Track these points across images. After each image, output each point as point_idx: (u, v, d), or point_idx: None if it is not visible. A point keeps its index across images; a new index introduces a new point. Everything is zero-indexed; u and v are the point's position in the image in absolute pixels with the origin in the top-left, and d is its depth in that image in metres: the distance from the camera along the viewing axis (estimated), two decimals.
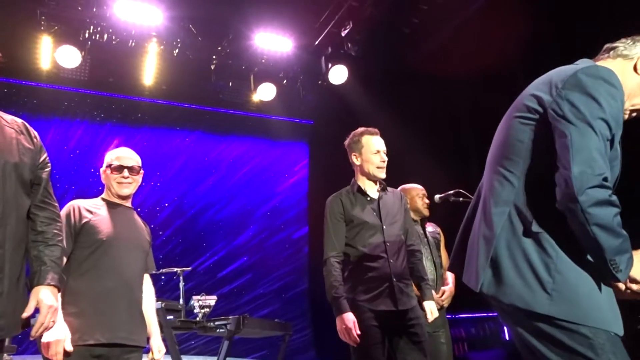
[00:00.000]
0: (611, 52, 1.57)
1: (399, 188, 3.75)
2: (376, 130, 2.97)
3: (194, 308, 4.01)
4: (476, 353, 6.14)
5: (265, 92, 6.81)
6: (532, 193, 1.50)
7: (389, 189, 2.98)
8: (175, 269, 4.23)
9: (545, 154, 1.45)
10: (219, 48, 6.58)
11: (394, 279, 2.72)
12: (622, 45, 1.58)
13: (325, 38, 6.45)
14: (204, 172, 7.79)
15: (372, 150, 2.90)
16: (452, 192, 3.07)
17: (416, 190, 3.64)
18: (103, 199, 2.67)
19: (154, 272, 2.77)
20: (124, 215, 2.64)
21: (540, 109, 1.50)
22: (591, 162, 1.35)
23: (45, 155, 2.10)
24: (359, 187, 2.91)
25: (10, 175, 1.91)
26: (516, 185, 1.53)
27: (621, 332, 1.40)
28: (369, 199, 2.88)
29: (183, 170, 7.62)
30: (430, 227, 3.66)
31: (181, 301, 4.07)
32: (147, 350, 2.62)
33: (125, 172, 2.62)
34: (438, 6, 6.03)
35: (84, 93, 7.04)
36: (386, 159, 2.91)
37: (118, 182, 2.62)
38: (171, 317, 3.94)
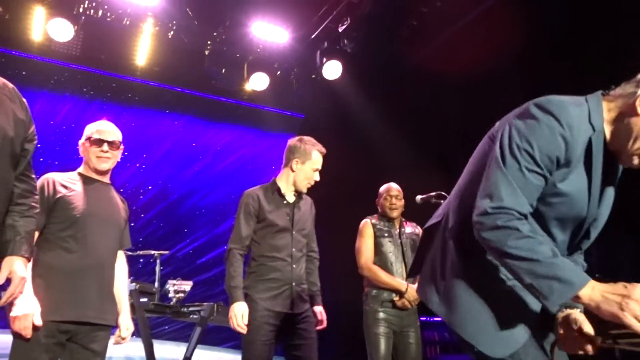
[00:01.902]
0: (628, 87, 1.47)
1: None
2: (324, 150, 3.04)
3: (169, 292, 3.99)
4: (448, 356, 6.19)
5: (258, 82, 6.78)
6: (465, 206, 1.54)
7: (303, 195, 3.05)
8: (152, 252, 4.20)
9: (481, 178, 1.49)
10: (215, 34, 6.52)
11: (294, 283, 2.84)
12: (632, 84, 1.47)
13: (322, 32, 6.43)
14: (191, 158, 7.73)
15: (314, 167, 2.96)
16: (434, 194, 3.08)
17: (385, 190, 3.65)
18: (79, 174, 2.62)
19: (128, 248, 2.75)
20: (100, 192, 2.60)
21: (495, 136, 1.51)
22: (492, 191, 1.39)
23: (34, 127, 2.06)
24: (279, 189, 2.96)
25: (3, 150, 1.88)
26: (459, 198, 1.60)
27: (510, 350, 1.42)
28: (285, 202, 2.94)
29: (169, 154, 7.56)
30: (409, 228, 3.65)
31: (156, 284, 4.04)
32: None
33: (105, 146, 2.58)
34: (437, 10, 6.04)
35: (75, 68, 6.93)
36: (317, 179, 3.00)
37: (97, 156, 2.58)
38: (145, 299, 3.91)
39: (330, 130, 7.60)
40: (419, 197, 3.21)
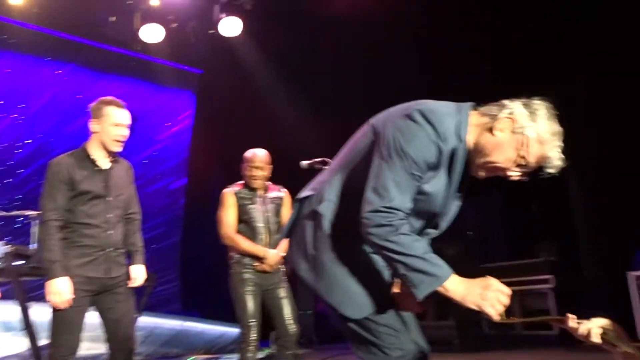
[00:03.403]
0: (493, 108, 1.64)
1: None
2: (123, 103, 2.94)
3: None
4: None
5: (151, 34, 6.41)
6: (344, 186, 1.71)
7: (119, 159, 3.00)
8: (28, 213, 3.92)
9: (366, 166, 1.62)
10: None
11: (109, 249, 2.85)
12: (496, 106, 1.65)
13: None
14: (75, 110, 7.17)
15: (112, 122, 2.85)
16: (319, 159, 3.13)
17: (248, 159, 3.66)
18: None
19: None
20: None
21: (379, 130, 1.65)
22: (381, 191, 1.54)
23: None
24: (89, 155, 2.88)
25: None
26: (337, 176, 1.74)
27: (368, 312, 1.64)
28: (96, 168, 2.88)
29: (51, 105, 6.94)
30: (273, 193, 3.70)
31: (32, 246, 3.81)
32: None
33: None
34: None
35: None
36: (127, 133, 2.90)
37: None
38: (21, 262, 3.69)
39: (229, 88, 7.45)
40: (304, 163, 3.26)
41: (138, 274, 3.00)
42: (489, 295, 1.47)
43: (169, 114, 8.17)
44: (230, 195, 3.64)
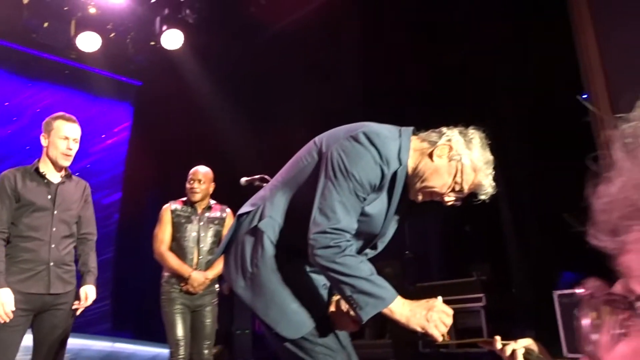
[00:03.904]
0: (433, 135, 1.70)
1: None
2: (73, 118, 2.95)
3: None
4: None
5: (87, 42, 6.18)
6: (286, 204, 1.70)
7: (74, 177, 3.01)
8: None
9: (310, 184, 1.64)
10: None
11: (52, 264, 2.80)
12: (435, 133, 1.71)
13: None
14: (3, 119, 6.82)
15: (60, 136, 2.86)
16: (258, 176, 3.12)
17: (190, 173, 3.67)
18: None
19: None
20: None
21: (324, 150, 1.67)
22: (328, 211, 1.55)
23: None
24: (38, 168, 2.88)
25: None
26: (279, 193, 1.73)
27: (304, 332, 1.64)
28: (46, 181, 2.87)
29: None
30: (213, 212, 3.68)
31: None
32: None
33: None
34: None
35: None
36: (74, 147, 2.90)
37: None
38: None
39: (169, 101, 7.29)
40: (243, 179, 3.24)
41: (88, 294, 2.91)
42: (433, 317, 1.49)
43: (105, 126, 7.89)
44: (166, 212, 3.63)
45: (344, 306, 1.62)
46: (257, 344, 7.17)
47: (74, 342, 5.39)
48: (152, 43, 6.56)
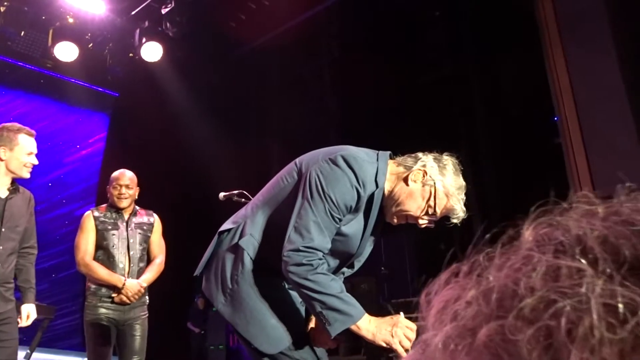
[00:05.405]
0: (409, 160, 1.75)
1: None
2: (33, 131, 2.89)
3: None
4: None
5: (64, 52, 6.12)
6: (265, 223, 1.76)
7: (20, 189, 2.90)
8: None
9: (289, 204, 1.69)
10: None
11: None
12: (411, 158, 1.76)
13: (143, 11, 6.06)
14: None
15: (26, 151, 2.80)
16: (236, 192, 3.08)
17: (115, 177, 3.44)
18: None
19: None
20: None
21: (303, 171, 1.72)
22: (303, 231, 1.60)
23: None
24: None
25: None
26: (259, 212, 1.78)
27: (282, 348, 1.68)
28: None
29: None
30: (139, 218, 3.49)
31: None
32: None
33: None
34: (265, 7, 6.14)
35: None
36: (36, 162, 2.86)
37: None
38: None
39: (146, 112, 7.24)
40: (221, 194, 3.19)
41: (29, 313, 2.82)
42: (397, 332, 1.54)
43: (79, 136, 7.79)
44: (88, 219, 3.36)
45: None
46: (231, 359, 7.09)
47: (43, 357, 5.26)
48: (131, 55, 6.53)
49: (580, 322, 0.23)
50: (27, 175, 2.81)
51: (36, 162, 2.83)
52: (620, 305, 0.23)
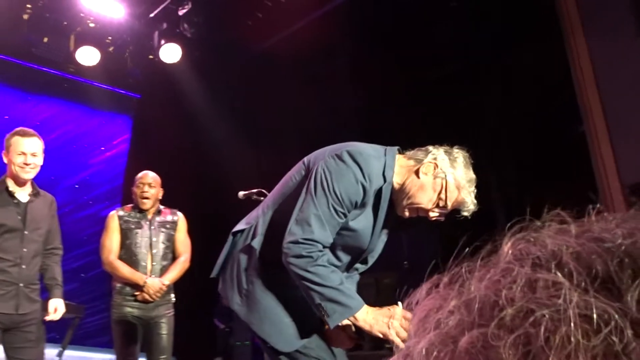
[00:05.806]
0: (419, 153, 1.77)
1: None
2: (31, 132, 2.94)
3: None
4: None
5: (86, 56, 6.25)
6: (275, 222, 1.78)
7: (41, 192, 2.98)
8: None
9: (295, 203, 1.70)
10: None
11: (22, 284, 2.78)
12: (422, 152, 1.78)
13: (162, 13, 6.14)
14: (3, 132, 6.86)
15: (17, 151, 2.85)
16: (255, 190, 3.11)
17: (139, 178, 3.53)
18: None
19: None
20: None
21: (311, 167, 1.74)
22: (304, 224, 1.61)
23: None
24: (7, 187, 2.85)
25: None
26: (270, 212, 1.81)
27: (298, 345, 1.71)
28: (15, 201, 2.84)
29: None
30: (163, 216, 3.54)
31: None
32: None
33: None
34: (282, 5, 6.16)
35: None
36: (32, 162, 2.88)
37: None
38: None
39: (167, 113, 7.34)
40: (241, 193, 3.23)
41: (57, 307, 2.90)
42: (394, 324, 1.55)
43: (104, 138, 7.92)
44: (112, 219, 3.46)
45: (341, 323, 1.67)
46: (256, 356, 7.17)
47: (73, 354, 5.40)
48: (151, 57, 6.63)
49: (557, 330, 0.24)
50: (26, 176, 2.84)
51: (30, 161, 2.83)
52: (595, 316, 0.24)
